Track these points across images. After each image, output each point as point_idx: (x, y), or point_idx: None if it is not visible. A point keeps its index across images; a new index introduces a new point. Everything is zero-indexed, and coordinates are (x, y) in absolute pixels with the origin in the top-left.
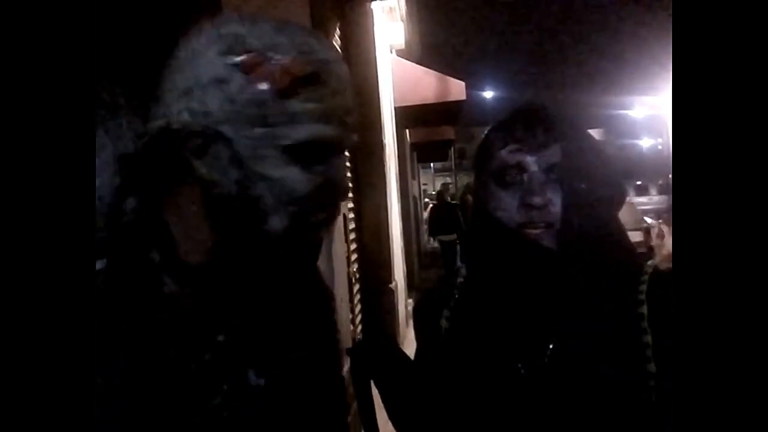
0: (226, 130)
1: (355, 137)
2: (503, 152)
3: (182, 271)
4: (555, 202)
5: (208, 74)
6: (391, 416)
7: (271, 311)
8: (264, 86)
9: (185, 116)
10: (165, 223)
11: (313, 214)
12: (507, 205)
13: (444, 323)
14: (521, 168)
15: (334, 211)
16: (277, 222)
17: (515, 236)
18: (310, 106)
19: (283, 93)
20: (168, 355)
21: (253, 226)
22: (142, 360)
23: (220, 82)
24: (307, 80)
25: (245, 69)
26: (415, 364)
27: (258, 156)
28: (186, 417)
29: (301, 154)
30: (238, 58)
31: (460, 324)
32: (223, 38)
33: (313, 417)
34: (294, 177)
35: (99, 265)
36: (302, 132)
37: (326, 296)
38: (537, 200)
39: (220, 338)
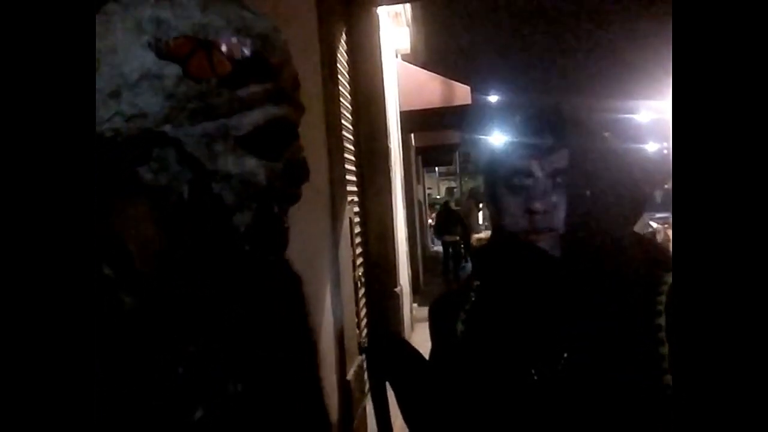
0: (169, 130)
1: (303, 109)
2: (512, 156)
3: (140, 284)
4: (560, 208)
5: (135, 70)
6: (405, 415)
7: (242, 312)
8: (203, 75)
9: (117, 122)
10: (116, 237)
11: (278, 203)
12: (514, 210)
13: (460, 326)
14: (528, 173)
15: (297, 195)
16: (240, 219)
17: (519, 241)
18: (257, 88)
19: (226, 81)
20: (139, 375)
21: (216, 227)
22: (114, 384)
23: (153, 77)
24: (249, 62)
25: (178, 58)
26: (430, 365)
27: (211, 153)
28: None
29: (257, 142)
30: (168, 47)
31: (476, 328)
32: (144, 24)
33: (296, 415)
34: (253, 169)
35: None
36: (254, 118)
37: (298, 288)
38: (538, 206)
39: (192, 349)
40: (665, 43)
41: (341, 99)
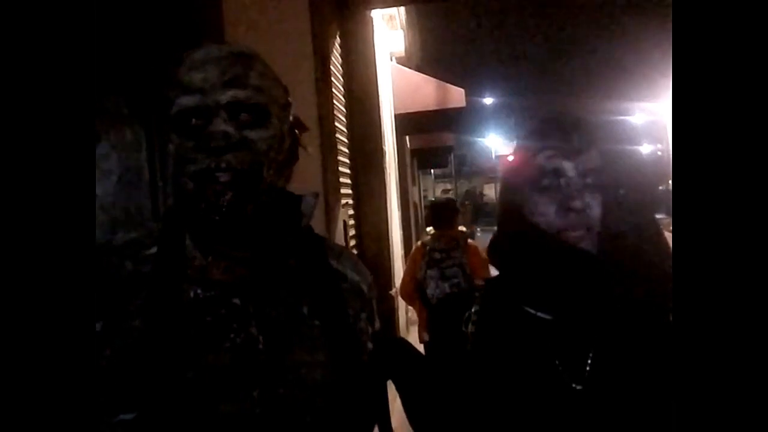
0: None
1: (221, 99)
2: (539, 158)
3: (206, 247)
4: (593, 206)
5: None
6: (409, 413)
7: (269, 275)
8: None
9: None
10: (194, 212)
11: (203, 168)
12: (545, 209)
13: (470, 327)
14: (558, 173)
15: (235, 173)
16: (185, 182)
17: (555, 240)
18: (173, 88)
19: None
20: (194, 307)
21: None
22: (170, 310)
23: None
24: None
25: None
26: (434, 364)
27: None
28: (199, 359)
29: (183, 128)
30: None
31: (489, 328)
32: None
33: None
34: (175, 145)
35: (153, 250)
36: (173, 108)
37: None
38: (577, 204)
39: (236, 301)
40: (659, 45)
41: (335, 102)
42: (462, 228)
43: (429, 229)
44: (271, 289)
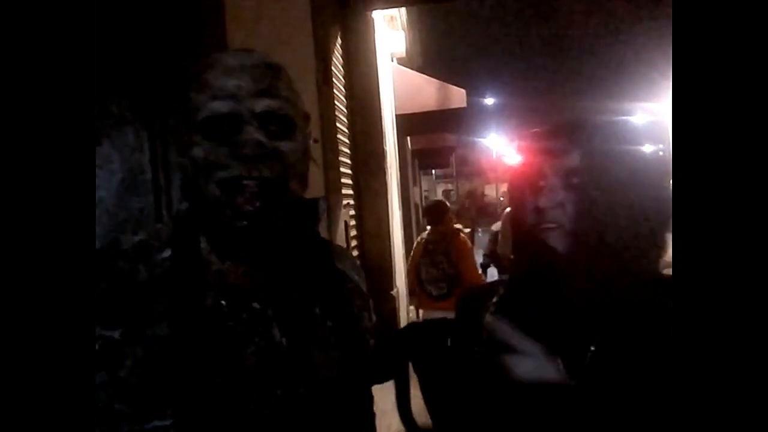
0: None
1: (255, 108)
2: (525, 158)
3: (224, 251)
4: (568, 205)
5: None
6: (426, 398)
7: (289, 281)
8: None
9: None
10: (209, 216)
11: (233, 177)
12: (525, 206)
13: (488, 318)
14: (541, 173)
15: (261, 182)
16: (212, 189)
17: (528, 236)
18: (202, 92)
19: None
20: (214, 313)
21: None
22: (194, 317)
23: None
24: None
25: None
26: (453, 351)
27: (186, 141)
28: (226, 364)
29: (211, 133)
30: None
31: (504, 319)
32: None
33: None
34: (204, 150)
35: (166, 253)
36: (201, 114)
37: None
38: (542, 201)
39: (255, 305)
40: (660, 45)
41: (336, 102)
42: (458, 225)
43: (428, 227)
44: (286, 292)
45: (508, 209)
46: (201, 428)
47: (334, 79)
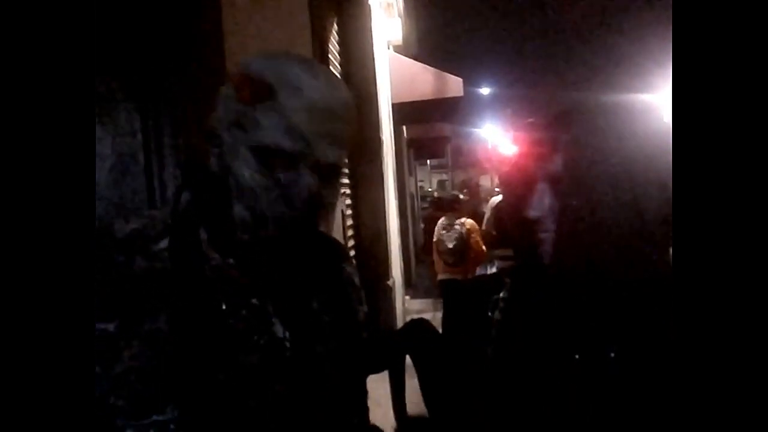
0: (224, 134)
1: (322, 157)
2: (520, 149)
3: (223, 246)
4: (554, 209)
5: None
6: (424, 392)
7: (289, 277)
8: (235, 93)
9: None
10: (210, 208)
11: (270, 212)
12: (520, 209)
13: (496, 315)
14: (534, 175)
15: (292, 219)
16: (239, 211)
17: (522, 228)
18: (273, 117)
19: (245, 98)
20: (214, 310)
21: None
22: (194, 313)
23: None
24: (264, 90)
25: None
26: (453, 345)
27: (232, 152)
28: (228, 361)
29: (265, 158)
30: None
31: (515, 316)
32: None
33: (332, 368)
34: (252, 176)
35: (162, 244)
36: (264, 138)
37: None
38: (534, 209)
39: (254, 301)
40: (659, 37)
41: None
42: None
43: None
44: (284, 287)
45: (495, 198)
46: (203, 424)
47: (330, 67)
